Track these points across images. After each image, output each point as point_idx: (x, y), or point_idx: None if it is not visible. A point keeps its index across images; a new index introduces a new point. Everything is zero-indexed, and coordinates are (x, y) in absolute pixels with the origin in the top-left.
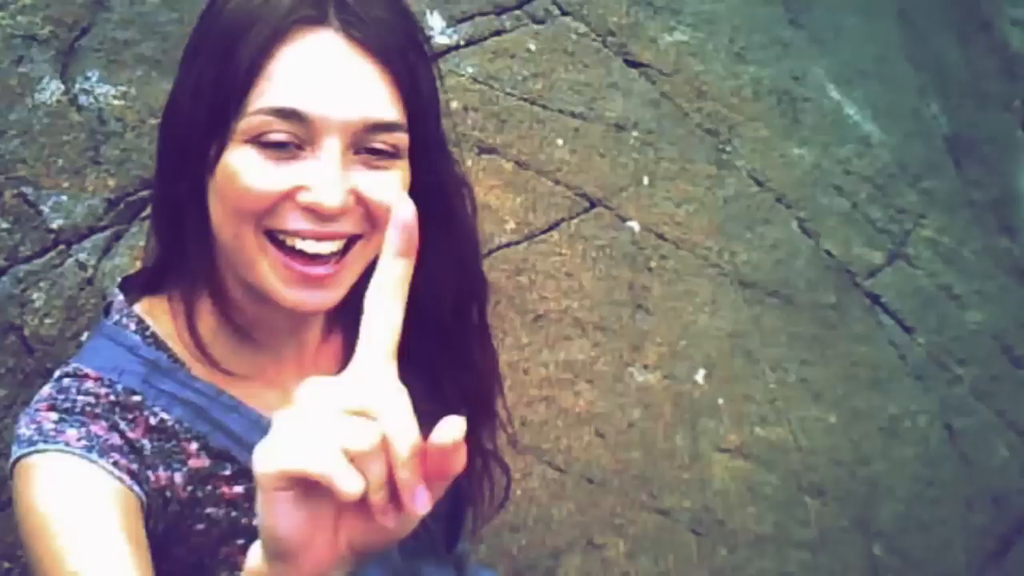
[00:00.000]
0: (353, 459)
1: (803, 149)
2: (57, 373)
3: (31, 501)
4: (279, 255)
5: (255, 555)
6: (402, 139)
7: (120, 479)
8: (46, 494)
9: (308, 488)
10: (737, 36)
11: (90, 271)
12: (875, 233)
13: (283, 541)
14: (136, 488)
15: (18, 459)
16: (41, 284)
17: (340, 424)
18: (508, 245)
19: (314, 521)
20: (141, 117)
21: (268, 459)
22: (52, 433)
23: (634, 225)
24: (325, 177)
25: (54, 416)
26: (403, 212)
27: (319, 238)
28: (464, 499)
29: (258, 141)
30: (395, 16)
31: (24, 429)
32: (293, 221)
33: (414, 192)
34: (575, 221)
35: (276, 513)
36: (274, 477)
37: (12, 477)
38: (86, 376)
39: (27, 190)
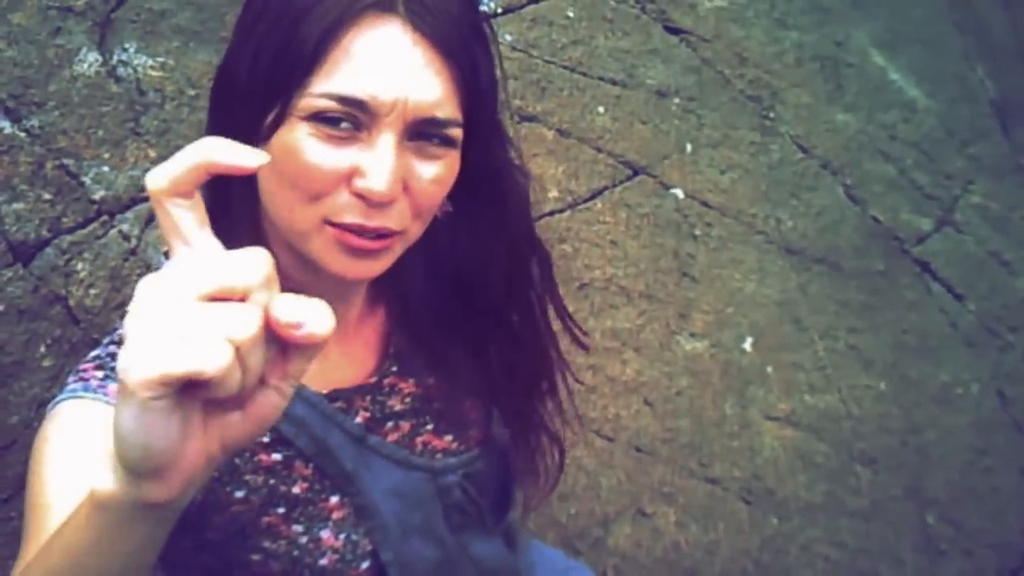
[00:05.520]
0: (239, 348)
1: (847, 115)
2: (105, 340)
3: (47, 434)
4: (333, 231)
5: (106, 481)
6: (456, 133)
7: None
8: (64, 433)
9: (182, 391)
10: (777, 1)
11: (133, 242)
12: (922, 199)
13: (158, 455)
14: None
15: (56, 404)
16: (85, 255)
17: (213, 311)
18: (551, 213)
19: (187, 426)
20: (180, 88)
21: (145, 365)
22: (96, 386)
23: (678, 192)
24: (380, 166)
25: (100, 374)
26: None
27: (363, 233)
28: (513, 472)
29: (318, 120)
30: (461, 8)
31: (70, 383)
32: (345, 212)
33: (466, 175)
34: (618, 189)
35: (149, 425)
36: (154, 383)
37: (44, 418)
38: None
39: (68, 161)
